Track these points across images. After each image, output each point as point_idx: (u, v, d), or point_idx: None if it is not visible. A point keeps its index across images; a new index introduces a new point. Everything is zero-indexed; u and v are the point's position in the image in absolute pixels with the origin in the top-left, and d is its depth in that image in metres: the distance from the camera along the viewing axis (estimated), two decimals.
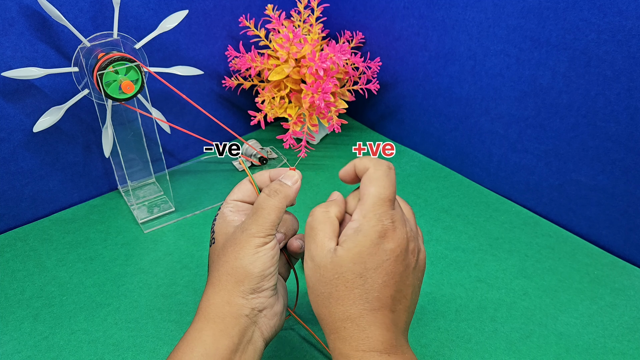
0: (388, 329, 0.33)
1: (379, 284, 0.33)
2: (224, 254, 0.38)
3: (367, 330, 0.33)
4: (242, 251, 0.37)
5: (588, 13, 0.51)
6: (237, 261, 0.37)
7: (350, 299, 0.33)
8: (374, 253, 0.33)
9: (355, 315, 0.33)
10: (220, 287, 0.37)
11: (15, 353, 0.48)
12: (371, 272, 0.33)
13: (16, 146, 0.60)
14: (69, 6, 0.57)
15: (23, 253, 0.60)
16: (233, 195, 0.42)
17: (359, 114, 0.86)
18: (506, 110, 0.62)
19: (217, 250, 0.39)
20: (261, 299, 0.37)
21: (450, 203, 0.66)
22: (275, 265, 0.38)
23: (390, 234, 0.33)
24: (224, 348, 0.35)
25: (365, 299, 0.33)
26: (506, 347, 0.47)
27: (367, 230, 0.33)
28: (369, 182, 0.35)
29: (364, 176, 0.36)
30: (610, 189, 0.56)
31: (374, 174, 0.35)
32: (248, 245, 0.37)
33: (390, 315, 0.34)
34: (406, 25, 0.69)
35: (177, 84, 0.69)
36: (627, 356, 0.46)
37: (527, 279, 0.55)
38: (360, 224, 0.34)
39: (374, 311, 0.33)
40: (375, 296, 0.33)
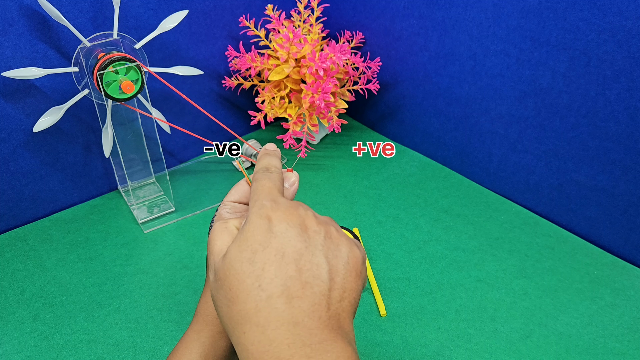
0: (296, 324, 0.26)
1: (272, 265, 0.28)
2: (210, 252, 0.38)
3: (267, 330, 0.26)
4: (222, 238, 0.36)
5: (588, 13, 0.51)
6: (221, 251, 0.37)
7: (244, 293, 0.27)
8: (262, 233, 0.29)
9: (251, 311, 0.27)
10: (209, 284, 0.37)
11: (16, 353, 0.48)
12: (260, 254, 0.28)
13: (16, 146, 0.60)
14: (69, 6, 0.57)
15: (23, 253, 0.60)
16: (230, 197, 0.41)
17: (359, 114, 0.86)
18: (506, 110, 0.62)
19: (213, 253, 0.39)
20: None
21: (450, 203, 0.66)
22: None
23: (275, 215, 0.30)
24: (222, 349, 0.35)
25: (258, 287, 0.27)
26: (506, 347, 0.47)
27: (251, 218, 0.30)
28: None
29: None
30: (610, 189, 0.56)
31: (254, 176, 0.35)
32: (229, 232, 0.35)
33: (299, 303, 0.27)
34: (406, 25, 0.69)
35: (177, 84, 0.69)
36: (627, 356, 0.46)
37: (527, 279, 0.55)
38: (245, 219, 0.31)
39: (271, 300, 0.27)
40: (269, 280, 0.27)
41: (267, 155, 0.37)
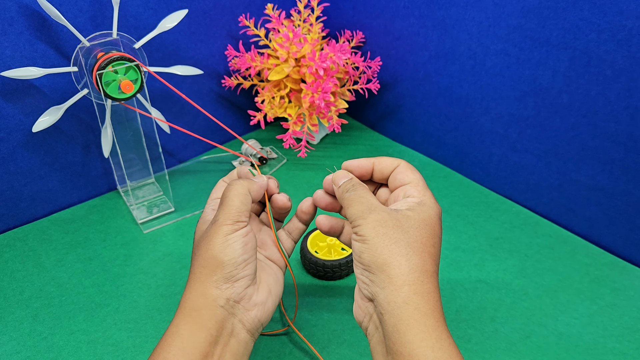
0: (441, 301, 0.34)
1: (438, 254, 0.35)
2: (198, 248, 0.38)
3: (437, 292, 0.34)
4: (212, 241, 0.37)
5: (588, 12, 0.51)
6: (208, 252, 0.37)
7: (425, 254, 0.34)
8: (438, 225, 0.36)
9: (430, 271, 0.34)
10: (195, 280, 0.37)
11: (15, 353, 0.48)
12: (437, 239, 0.35)
13: (15, 146, 0.60)
14: (68, 6, 0.57)
15: (22, 253, 0.60)
16: (213, 194, 0.43)
17: (359, 114, 0.86)
18: (506, 109, 0.62)
19: (195, 249, 0.39)
20: (236, 288, 0.37)
21: (450, 203, 0.66)
22: (249, 253, 0.38)
23: (441, 217, 0.37)
24: (202, 341, 0.35)
25: (434, 261, 0.35)
26: (506, 348, 0.47)
27: (431, 205, 0.36)
28: (410, 171, 0.39)
29: (401, 167, 0.39)
30: (610, 189, 0.56)
31: (408, 165, 0.39)
32: (217, 235, 0.37)
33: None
34: (406, 24, 0.69)
35: (176, 84, 0.69)
36: (627, 356, 0.46)
37: (527, 279, 0.54)
38: (421, 199, 0.37)
39: (436, 276, 0.35)
40: (437, 262, 0.35)
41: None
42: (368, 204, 0.36)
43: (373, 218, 0.35)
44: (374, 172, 0.41)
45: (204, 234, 0.39)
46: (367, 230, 0.34)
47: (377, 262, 0.33)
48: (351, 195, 0.37)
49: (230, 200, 0.38)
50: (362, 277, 0.35)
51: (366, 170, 0.41)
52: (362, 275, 0.35)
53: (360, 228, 0.35)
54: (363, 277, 0.35)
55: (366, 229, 0.35)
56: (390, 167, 0.40)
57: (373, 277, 0.34)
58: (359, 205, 0.36)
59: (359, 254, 0.35)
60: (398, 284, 0.33)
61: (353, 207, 0.36)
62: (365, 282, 0.35)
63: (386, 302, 0.33)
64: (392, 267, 0.33)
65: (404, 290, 0.32)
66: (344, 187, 0.38)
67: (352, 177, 0.39)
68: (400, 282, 0.33)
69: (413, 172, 0.39)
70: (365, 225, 0.35)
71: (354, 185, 0.38)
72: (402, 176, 0.39)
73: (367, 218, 0.35)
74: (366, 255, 0.34)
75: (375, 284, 0.34)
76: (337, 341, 0.48)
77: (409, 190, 0.38)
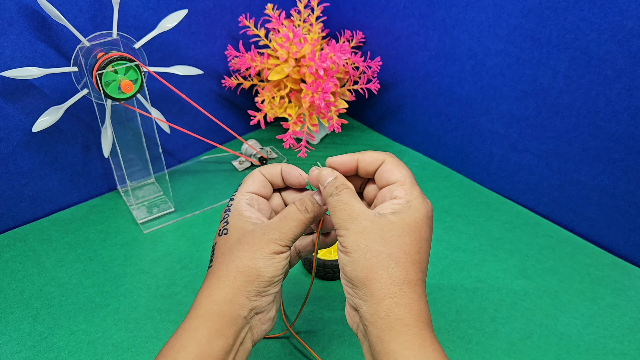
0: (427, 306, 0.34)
1: (425, 258, 0.35)
2: (238, 249, 0.37)
3: (421, 301, 0.33)
4: (259, 252, 0.36)
5: (589, 13, 0.51)
6: (252, 261, 0.36)
7: (408, 264, 0.33)
8: (425, 227, 0.35)
9: (414, 281, 0.33)
10: (227, 283, 0.36)
11: (15, 353, 0.47)
12: (423, 243, 0.34)
13: (15, 146, 0.60)
14: (68, 6, 0.57)
15: (22, 253, 0.59)
16: (247, 187, 0.41)
17: (359, 114, 0.86)
18: (507, 110, 0.62)
19: (230, 244, 0.38)
20: (263, 302, 0.37)
21: (451, 203, 0.66)
22: (284, 274, 0.38)
23: (431, 215, 0.36)
24: (219, 350, 0.35)
25: (419, 268, 0.34)
26: (507, 348, 0.47)
27: (417, 207, 0.35)
28: (396, 167, 0.37)
29: (386, 164, 0.38)
30: (611, 189, 0.56)
31: (394, 160, 0.38)
32: (266, 249, 0.36)
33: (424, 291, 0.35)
34: (406, 24, 0.69)
35: (176, 84, 0.69)
36: (627, 356, 0.46)
37: (528, 279, 0.54)
38: (407, 200, 0.35)
39: (423, 283, 0.34)
40: (424, 268, 0.34)
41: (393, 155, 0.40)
42: (350, 211, 0.35)
43: (355, 229, 0.34)
44: (359, 169, 0.39)
45: (247, 237, 0.37)
46: (349, 242, 0.34)
47: (359, 276, 0.34)
48: (334, 201, 0.36)
49: (294, 226, 0.37)
50: (346, 288, 0.35)
51: (350, 167, 0.39)
52: (347, 286, 0.35)
53: (343, 239, 0.35)
54: (347, 289, 0.35)
55: (348, 241, 0.34)
56: (375, 164, 0.38)
57: (356, 289, 0.34)
58: (341, 213, 0.35)
59: (343, 266, 0.35)
60: (379, 297, 0.33)
61: (336, 215, 0.36)
62: (350, 293, 0.35)
63: (369, 314, 0.33)
64: (372, 282, 0.33)
65: (385, 304, 0.32)
66: (329, 189, 0.37)
67: (337, 175, 0.38)
68: (382, 295, 0.33)
69: (399, 169, 0.37)
70: (348, 237, 0.34)
71: (337, 187, 0.37)
72: (388, 174, 0.37)
73: (349, 228, 0.35)
74: (348, 269, 0.34)
75: (359, 297, 0.34)
76: (338, 341, 0.48)
77: (395, 191, 0.36)
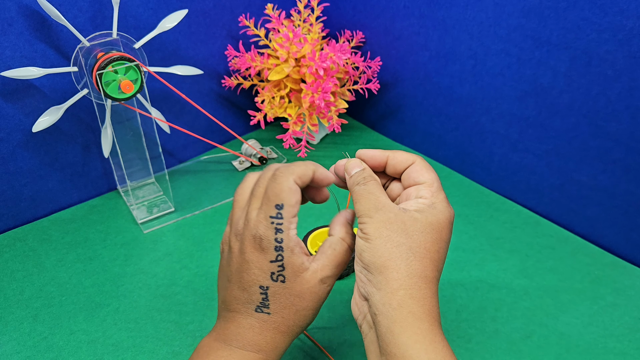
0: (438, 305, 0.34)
1: (442, 259, 0.35)
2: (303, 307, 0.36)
3: (433, 298, 0.33)
4: (320, 304, 0.37)
5: (589, 12, 0.51)
6: (314, 313, 0.37)
7: (427, 260, 0.33)
8: (447, 230, 0.35)
9: (430, 277, 0.33)
10: (291, 337, 0.37)
11: (15, 353, 0.47)
12: (443, 244, 0.35)
13: (15, 146, 0.60)
14: (68, 6, 0.57)
15: (22, 253, 0.59)
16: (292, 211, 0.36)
17: (359, 114, 0.86)
18: (507, 109, 0.62)
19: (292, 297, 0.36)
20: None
21: (451, 203, 0.66)
22: None
23: (452, 221, 0.36)
24: None
25: (436, 267, 0.34)
26: (507, 347, 0.47)
27: (442, 209, 0.35)
28: (425, 169, 0.37)
29: (416, 164, 0.38)
30: (611, 189, 0.56)
31: (424, 163, 0.38)
32: (324, 299, 0.37)
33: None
34: (406, 24, 0.69)
35: (176, 84, 0.69)
36: (628, 356, 0.46)
37: (528, 279, 0.54)
38: (433, 202, 0.35)
39: (437, 282, 0.34)
40: (440, 268, 0.34)
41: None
42: (376, 201, 0.35)
43: (379, 218, 0.34)
44: (387, 166, 0.39)
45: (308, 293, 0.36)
46: (371, 230, 0.34)
47: (377, 263, 0.33)
48: (360, 190, 0.36)
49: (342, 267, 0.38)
50: (360, 275, 0.35)
51: (379, 163, 0.39)
52: (361, 273, 0.35)
53: (365, 226, 0.34)
54: (361, 275, 0.35)
55: (371, 228, 0.34)
56: (405, 164, 0.38)
57: (371, 277, 0.34)
58: (367, 202, 0.35)
59: (360, 252, 0.34)
60: (394, 287, 0.32)
61: (361, 203, 0.35)
62: (363, 281, 0.35)
63: (380, 304, 0.33)
64: (390, 270, 0.33)
65: (399, 294, 0.32)
66: (355, 178, 0.37)
67: (365, 167, 0.38)
68: (397, 285, 0.32)
69: (428, 172, 0.37)
70: (370, 224, 0.34)
71: (365, 177, 0.37)
72: (417, 175, 0.37)
73: (373, 217, 0.34)
74: (367, 255, 0.34)
75: (372, 284, 0.34)
76: (338, 341, 0.48)
77: (422, 191, 0.36)
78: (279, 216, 0.35)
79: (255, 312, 0.36)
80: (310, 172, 0.37)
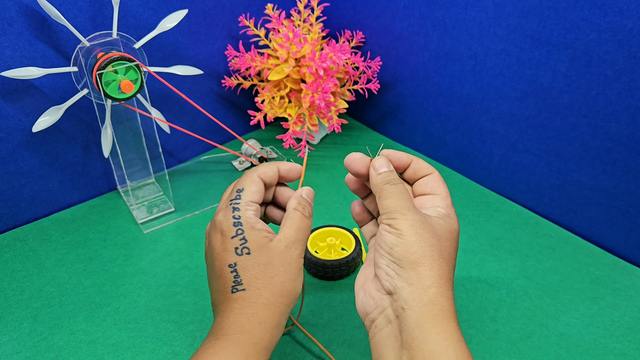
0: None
1: (455, 265, 0.37)
2: (275, 273, 0.36)
3: (454, 300, 0.35)
4: (294, 273, 0.37)
5: (589, 12, 0.51)
6: (291, 283, 0.37)
7: (451, 265, 0.36)
8: (458, 239, 0.38)
9: (451, 281, 0.36)
10: (274, 310, 0.36)
11: (15, 353, 0.47)
12: (456, 254, 0.37)
13: (15, 146, 0.60)
14: (68, 6, 0.57)
15: (22, 253, 0.59)
16: (251, 197, 0.38)
17: (359, 114, 0.86)
18: (507, 110, 0.62)
19: (262, 267, 0.36)
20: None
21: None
22: None
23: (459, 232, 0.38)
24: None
25: (453, 270, 0.36)
26: (507, 348, 0.47)
27: (455, 221, 0.38)
28: (442, 182, 0.39)
29: (434, 175, 0.40)
30: (611, 189, 0.56)
31: (440, 176, 0.40)
32: (297, 267, 0.37)
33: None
34: (406, 24, 0.69)
35: (176, 84, 0.69)
36: (628, 356, 0.46)
37: (528, 279, 0.54)
38: (447, 212, 0.38)
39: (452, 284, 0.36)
40: (454, 273, 0.37)
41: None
42: (408, 202, 0.36)
43: (412, 216, 0.35)
44: (408, 170, 0.40)
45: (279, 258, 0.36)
46: (404, 226, 0.35)
47: (410, 258, 0.34)
48: (393, 188, 0.37)
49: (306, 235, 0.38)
50: (387, 269, 0.35)
51: (402, 165, 0.40)
52: (389, 267, 0.35)
53: (397, 222, 0.35)
54: (389, 270, 0.35)
55: (404, 225, 0.35)
56: (425, 171, 0.40)
57: (401, 271, 0.34)
58: (400, 200, 0.36)
59: (391, 246, 0.35)
60: (427, 284, 0.34)
61: (393, 200, 0.36)
62: (390, 275, 0.35)
63: (411, 299, 0.33)
64: (424, 267, 0.34)
65: (432, 291, 0.34)
66: (385, 176, 0.38)
67: (393, 169, 0.39)
68: (430, 282, 0.34)
69: (444, 185, 0.39)
70: (404, 221, 0.35)
71: (395, 179, 0.38)
72: (435, 185, 0.39)
73: (406, 214, 0.35)
74: (399, 249, 0.35)
75: (402, 279, 0.34)
76: (338, 341, 0.48)
77: (438, 202, 0.38)
78: (237, 197, 0.38)
79: (232, 294, 0.36)
80: (274, 168, 0.40)
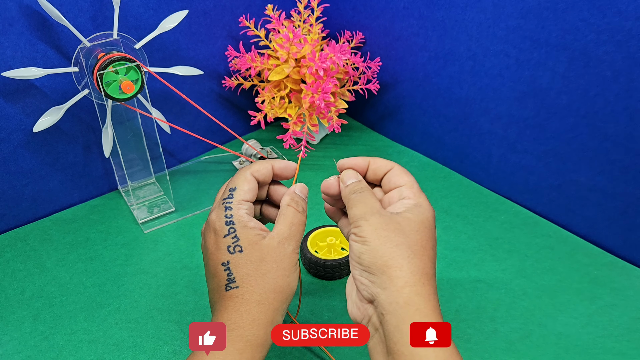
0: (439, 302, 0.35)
1: (435, 256, 0.36)
2: (268, 270, 0.36)
3: (435, 295, 0.34)
4: (288, 269, 0.37)
5: (587, 13, 0.51)
6: (285, 279, 0.36)
7: (425, 257, 0.35)
8: (433, 227, 0.37)
9: (430, 275, 0.34)
10: (267, 306, 0.36)
11: (16, 353, 0.48)
12: (433, 242, 0.36)
13: (16, 146, 0.60)
14: (68, 6, 0.57)
15: (23, 253, 0.60)
16: (244, 195, 0.38)
17: (359, 114, 0.86)
18: (505, 110, 0.63)
19: (254, 264, 0.36)
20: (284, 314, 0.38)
21: (450, 203, 0.66)
22: None
23: (435, 218, 0.38)
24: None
25: (433, 264, 0.35)
26: (505, 347, 0.47)
27: (427, 208, 0.37)
28: (404, 173, 0.39)
29: (395, 169, 0.39)
30: (609, 189, 0.56)
31: (402, 168, 0.39)
32: (291, 263, 0.37)
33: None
34: (406, 25, 0.69)
35: (177, 84, 0.69)
36: (626, 356, 0.46)
37: (527, 279, 0.55)
38: (417, 201, 0.37)
39: (435, 278, 0.35)
40: (434, 264, 0.36)
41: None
42: (371, 206, 0.36)
43: (374, 220, 0.35)
44: (368, 172, 0.41)
45: (271, 255, 0.36)
46: (368, 232, 0.35)
47: (378, 263, 0.34)
48: (357, 196, 0.37)
49: (300, 230, 0.38)
50: (361, 279, 0.35)
51: (361, 169, 0.41)
52: (362, 276, 0.35)
53: (361, 229, 0.35)
54: (362, 279, 0.35)
55: (367, 230, 0.35)
56: (385, 168, 0.40)
57: (374, 278, 0.34)
58: (363, 207, 0.36)
59: (359, 255, 0.35)
60: (400, 285, 0.33)
61: (357, 208, 0.36)
62: (365, 284, 0.35)
63: (387, 303, 0.33)
64: (393, 269, 0.33)
65: (405, 292, 0.33)
66: (352, 187, 0.38)
67: (361, 179, 0.39)
68: (402, 283, 0.33)
69: (407, 175, 0.39)
70: (367, 227, 0.35)
71: (361, 187, 0.38)
72: (397, 178, 0.39)
73: (368, 220, 0.35)
74: (366, 257, 0.34)
75: (376, 285, 0.34)
76: None
77: (405, 192, 0.38)
78: (229, 196, 0.38)
79: (226, 292, 0.36)
80: (268, 166, 0.40)
